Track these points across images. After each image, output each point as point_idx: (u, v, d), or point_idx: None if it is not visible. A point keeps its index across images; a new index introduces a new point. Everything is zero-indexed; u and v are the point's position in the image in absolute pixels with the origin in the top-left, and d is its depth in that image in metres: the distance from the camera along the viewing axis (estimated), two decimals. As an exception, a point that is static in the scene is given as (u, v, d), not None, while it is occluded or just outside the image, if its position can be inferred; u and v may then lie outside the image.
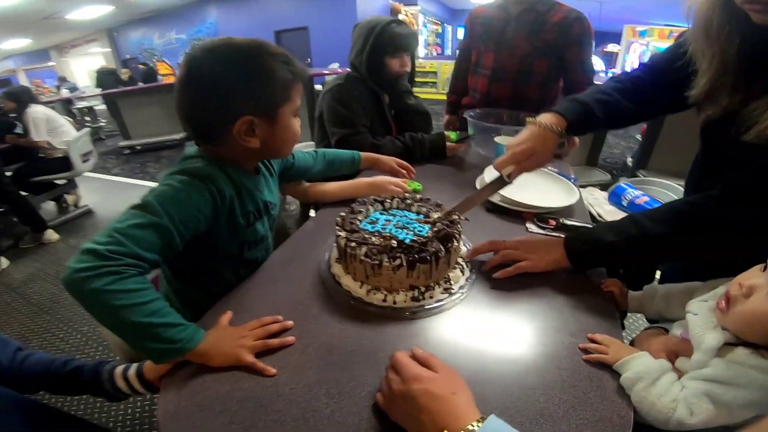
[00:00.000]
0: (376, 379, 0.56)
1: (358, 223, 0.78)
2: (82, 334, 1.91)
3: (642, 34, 5.65)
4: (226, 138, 0.69)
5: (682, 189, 1.37)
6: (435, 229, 0.75)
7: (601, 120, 0.79)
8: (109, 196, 3.90)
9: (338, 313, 0.68)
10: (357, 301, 0.70)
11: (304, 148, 1.17)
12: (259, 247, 0.84)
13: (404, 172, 1.20)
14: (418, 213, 0.85)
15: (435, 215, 0.81)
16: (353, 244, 0.70)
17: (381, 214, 0.84)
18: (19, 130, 3.09)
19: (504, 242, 0.77)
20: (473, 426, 0.42)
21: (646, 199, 1.23)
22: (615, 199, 1.33)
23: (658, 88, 0.78)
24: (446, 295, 0.71)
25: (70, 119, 4.35)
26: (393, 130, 1.50)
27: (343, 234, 0.73)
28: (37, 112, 3.06)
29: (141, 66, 8.13)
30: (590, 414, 0.51)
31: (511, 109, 1.55)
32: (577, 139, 1.67)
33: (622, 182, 1.35)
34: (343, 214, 0.81)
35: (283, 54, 0.71)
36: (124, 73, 7.81)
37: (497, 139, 1.31)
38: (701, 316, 0.53)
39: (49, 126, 3.09)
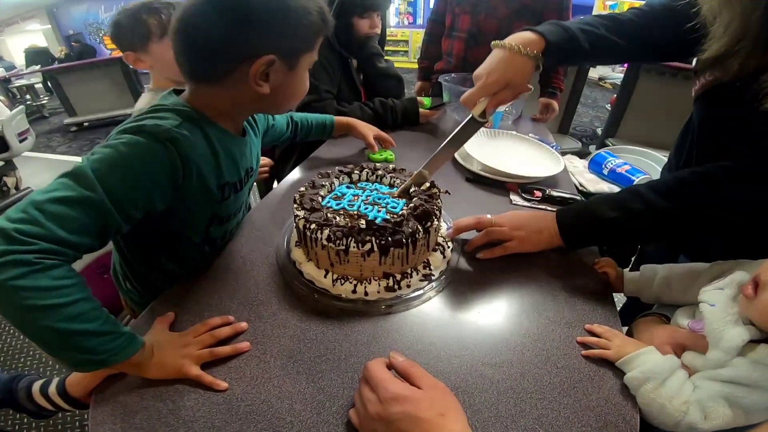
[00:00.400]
0: (348, 391, 0.47)
1: (319, 199, 0.67)
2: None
3: (612, 7, 5.61)
4: (231, 80, 0.56)
5: (659, 156, 1.36)
6: (411, 204, 0.65)
7: (586, 51, 0.68)
8: (54, 176, 3.55)
9: (300, 310, 0.59)
10: (321, 294, 0.60)
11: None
12: (231, 221, 0.71)
13: (376, 146, 1.09)
14: (391, 186, 0.74)
15: (411, 187, 0.70)
16: (313, 226, 0.59)
17: (348, 187, 0.73)
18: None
19: (490, 218, 0.69)
20: (467, 455, 0.34)
21: (627, 167, 1.18)
22: (595, 167, 1.27)
23: (651, 31, 0.69)
24: (426, 282, 0.62)
25: (2, 98, 3.93)
26: (362, 96, 1.38)
27: (301, 214, 0.62)
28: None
29: (74, 44, 7.80)
30: (593, 419, 0.45)
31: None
32: (556, 106, 1.63)
33: (603, 150, 1.29)
34: (303, 188, 0.69)
35: None
36: (60, 51, 7.46)
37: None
38: (720, 307, 0.46)
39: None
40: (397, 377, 0.42)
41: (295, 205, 0.65)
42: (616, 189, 1.18)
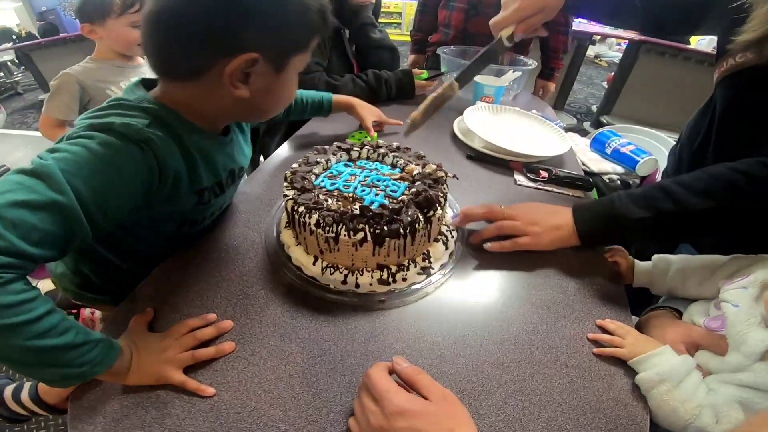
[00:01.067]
0: (346, 396, 0.44)
1: (312, 178, 0.61)
2: None
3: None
4: (208, 78, 0.48)
5: (662, 136, 1.33)
6: (413, 189, 0.58)
7: (607, 3, 0.70)
8: (32, 152, 3.46)
9: (290, 304, 0.54)
10: (311, 285, 0.56)
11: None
12: (205, 221, 0.65)
13: (373, 131, 1.00)
14: (393, 166, 0.67)
15: (415, 168, 0.64)
16: (302, 209, 0.54)
17: (346, 166, 0.67)
18: None
19: (501, 209, 0.64)
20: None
21: (632, 147, 1.13)
22: (597, 146, 1.23)
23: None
24: (423, 276, 0.57)
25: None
26: (354, 68, 1.30)
27: (290, 194, 0.57)
28: None
29: (39, 23, 7.53)
30: (603, 422, 0.42)
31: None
32: (552, 87, 1.57)
33: (606, 129, 1.24)
34: (296, 165, 0.64)
35: None
36: (21, 30, 7.12)
37: (477, 78, 1.15)
38: (744, 309, 0.43)
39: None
40: (402, 385, 0.38)
41: (286, 184, 0.59)
42: (619, 169, 1.14)
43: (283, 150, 0.97)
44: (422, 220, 0.54)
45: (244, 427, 0.41)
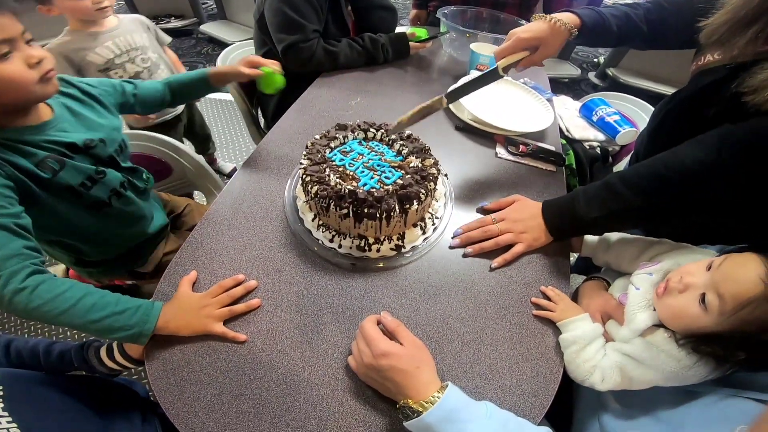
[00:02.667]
0: (346, 340, 0.59)
1: (327, 152, 0.73)
2: None
3: None
4: None
5: (652, 108, 1.37)
6: (400, 181, 0.68)
7: (614, 33, 0.78)
8: None
9: (303, 266, 0.68)
10: (319, 247, 0.69)
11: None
12: (145, 185, 0.76)
13: (250, 71, 0.84)
14: (398, 153, 0.76)
15: (414, 161, 0.72)
16: (308, 179, 0.67)
17: (360, 144, 0.77)
18: None
19: (496, 228, 0.72)
20: (434, 396, 0.47)
21: (616, 117, 1.20)
22: (586, 112, 1.29)
23: (673, 18, 0.75)
24: (395, 252, 0.69)
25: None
26: (350, 31, 1.31)
27: (305, 163, 0.69)
28: None
29: None
30: (529, 369, 0.58)
31: (492, 8, 1.36)
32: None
33: (597, 96, 1.30)
34: (317, 136, 0.75)
35: None
36: None
37: (473, 46, 1.18)
38: (642, 291, 0.56)
39: None
40: (387, 333, 0.54)
41: (305, 152, 0.71)
42: (601, 136, 1.23)
43: (289, 119, 1.02)
44: (398, 210, 0.64)
45: (274, 365, 0.56)
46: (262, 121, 1.51)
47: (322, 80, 1.17)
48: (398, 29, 1.32)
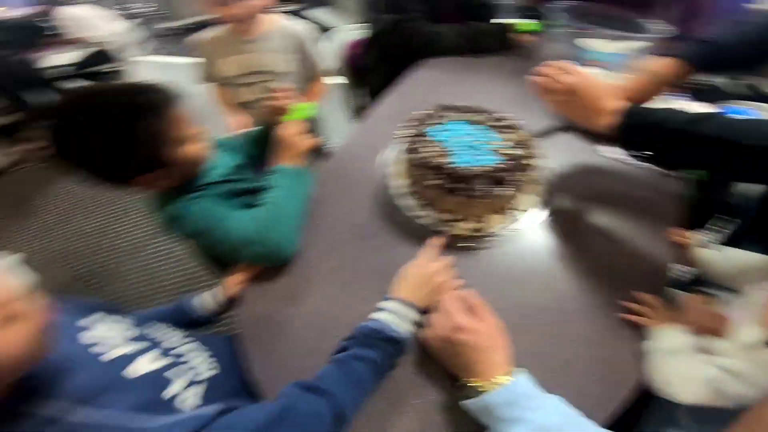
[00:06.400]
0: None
1: (426, 127, 0.78)
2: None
3: None
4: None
5: None
6: (494, 166, 0.69)
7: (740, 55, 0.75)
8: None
9: (394, 235, 0.74)
10: (406, 218, 0.75)
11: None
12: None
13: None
14: (504, 140, 0.76)
15: (515, 150, 0.73)
16: (407, 146, 0.75)
17: (460, 124, 0.79)
18: None
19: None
20: (504, 378, 0.48)
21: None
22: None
23: None
24: (478, 234, 0.72)
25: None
26: (454, 18, 1.26)
27: (407, 132, 0.77)
28: None
29: None
30: (602, 371, 0.56)
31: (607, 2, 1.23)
32: None
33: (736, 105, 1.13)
34: (430, 110, 0.81)
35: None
36: None
37: (581, 41, 1.09)
38: (753, 308, 0.51)
39: None
40: (466, 310, 0.55)
41: (408, 122, 0.79)
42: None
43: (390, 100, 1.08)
44: (477, 193, 0.68)
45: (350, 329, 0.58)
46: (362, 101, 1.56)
47: (422, 65, 1.18)
48: (503, 20, 1.28)
